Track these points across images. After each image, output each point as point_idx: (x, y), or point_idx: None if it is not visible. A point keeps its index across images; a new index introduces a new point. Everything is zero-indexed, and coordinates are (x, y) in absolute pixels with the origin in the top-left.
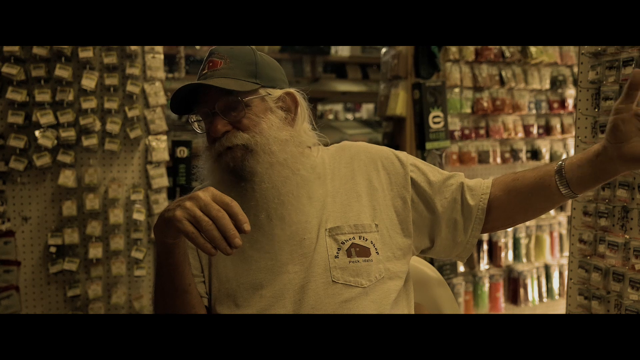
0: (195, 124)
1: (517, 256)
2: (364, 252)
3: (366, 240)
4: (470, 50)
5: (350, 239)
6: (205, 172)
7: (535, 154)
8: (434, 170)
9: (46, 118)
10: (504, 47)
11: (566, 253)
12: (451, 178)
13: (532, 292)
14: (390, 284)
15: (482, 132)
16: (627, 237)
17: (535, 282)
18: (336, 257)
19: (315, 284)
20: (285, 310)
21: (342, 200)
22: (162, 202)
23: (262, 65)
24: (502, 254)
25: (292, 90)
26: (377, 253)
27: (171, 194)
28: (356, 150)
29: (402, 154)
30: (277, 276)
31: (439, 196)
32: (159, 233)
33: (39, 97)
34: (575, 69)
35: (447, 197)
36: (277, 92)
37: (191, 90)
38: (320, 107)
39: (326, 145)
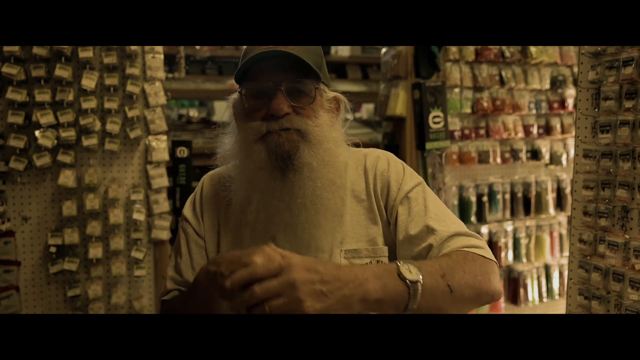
0: (244, 99)
1: (517, 256)
2: None
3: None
4: (470, 50)
5: (366, 264)
6: (237, 151)
7: (535, 154)
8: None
9: (46, 118)
10: (504, 47)
11: (566, 253)
12: (426, 234)
13: (532, 292)
14: None
15: (482, 132)
16: (627, 237)
17: (535, 282)
18: None
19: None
20: None
21: (359, 221)
22: (162, 202)
23: (324, 62)
24: (502, 254)
25: (340, 95)
26: None
27: (171, 194)
28: (373, 160)
29: (412, 183)
30: None
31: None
32: (205, 289)
33: (39, 97)
34: (575, 69)
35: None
36: (330, 93)
37: (255, 60)
38: None
39: (357, 145)
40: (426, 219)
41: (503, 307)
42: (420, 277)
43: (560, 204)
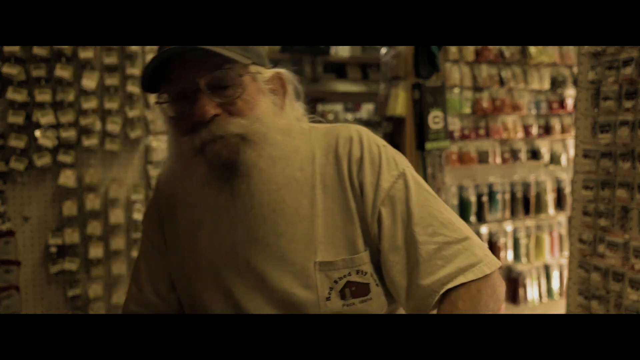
0: (164, 106)
1: (517, 256)
2: (361, 290)
3: (365, 274)
4: (470, 51)
5: (344, 276)
6: (177, 171)
7: (535, 154)
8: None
9: (46, 118)
10: (503, 47)
11: (566, 253)
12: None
13: (532, 292)
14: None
15: (481, 132)
16: (627, 237)
17: (535, 282)
18: (328, 299)
19: None
20: None
21: (335, 222)
22: None
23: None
24: (502, 254)
25: (282, 70)
26: (377, 285)
27: None
28: (347, 147)
29: (392, 177)
30: (263, 310)
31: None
32: None
33: (40, 97)
34: (575, 69)
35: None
36: (268, 72)
37: (161, 62)
38: (320, 107)
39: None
40: (411, 226)
41: (503, 307)
42: None
43: (560, 204)
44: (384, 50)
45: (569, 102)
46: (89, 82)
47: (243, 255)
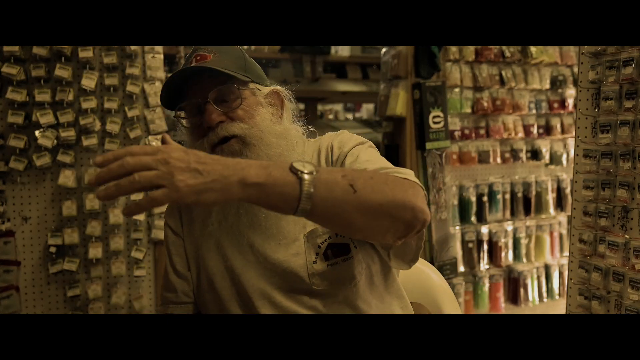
0: (183, 120)
1: (517, 256)
2: (341, 250)
3: (343, 236)
4: (470, 50)
5: (325, 240)
6: None
7: (535, 154)
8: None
9: (46, 118)
10: (504, 47)
11: (566, 253)
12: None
13: (532, 292)
14: (374, 274)
15: (482, 132)
16: (627, 237)
17: (536, 282)
18: (314, 262)
19: (297, 291)
20: (270, 311)
21: None
22: None
23: (249, 61)
24: (502, 254)
25: (278, 87)
26: (356, 247)
27: None
28: (326, 140)
29: (355, 143)
30: (260, 279)
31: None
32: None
33: (39, 97)
34: (575, 69)
35: None
36: (265, 89)
37: (179, 82)
38: (320, 107)
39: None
40: (355, 165)
41: (503, 307)
42: (315, 171)
43: (560, 204)
44: (384, 50)
45: (570, 102)
46: (89, 81)
47: (246, 236)
